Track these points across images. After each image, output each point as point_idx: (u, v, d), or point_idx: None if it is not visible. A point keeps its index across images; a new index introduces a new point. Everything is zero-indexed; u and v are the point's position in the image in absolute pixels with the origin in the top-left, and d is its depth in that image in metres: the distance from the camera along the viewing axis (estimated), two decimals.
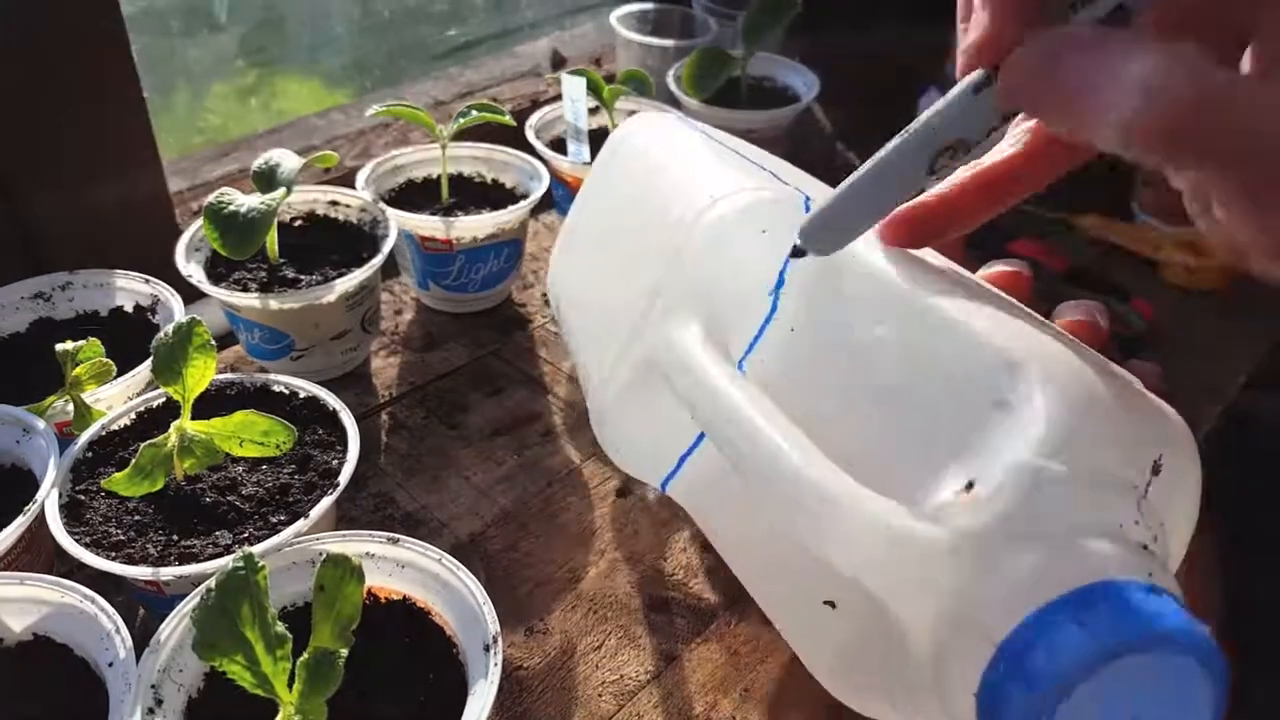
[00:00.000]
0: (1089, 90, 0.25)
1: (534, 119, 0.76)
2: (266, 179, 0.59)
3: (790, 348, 0.38)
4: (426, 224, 0.65)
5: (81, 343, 0.50)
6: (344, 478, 0.46)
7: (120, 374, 0.52)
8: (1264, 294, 0.75)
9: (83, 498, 0.46)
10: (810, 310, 0.37)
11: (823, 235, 0.35)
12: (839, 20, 0.92)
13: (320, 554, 0.42)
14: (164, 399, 0.51)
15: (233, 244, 0.55)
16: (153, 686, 0.37)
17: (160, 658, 0.37)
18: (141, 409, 0.50)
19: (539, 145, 0.74)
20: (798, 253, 0.36)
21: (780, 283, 0.38)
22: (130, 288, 0.60)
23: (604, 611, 0.50)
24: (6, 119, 0.58)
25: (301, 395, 0.52)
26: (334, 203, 0.67)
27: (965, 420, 0.30)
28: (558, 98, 0.76)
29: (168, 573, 0.41)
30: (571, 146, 0.73)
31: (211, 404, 0.50)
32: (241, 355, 0.64)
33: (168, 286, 0.59)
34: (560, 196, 0.77)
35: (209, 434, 0.45)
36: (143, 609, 0.48)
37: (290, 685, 0.34)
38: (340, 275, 0.59)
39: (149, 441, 0.45)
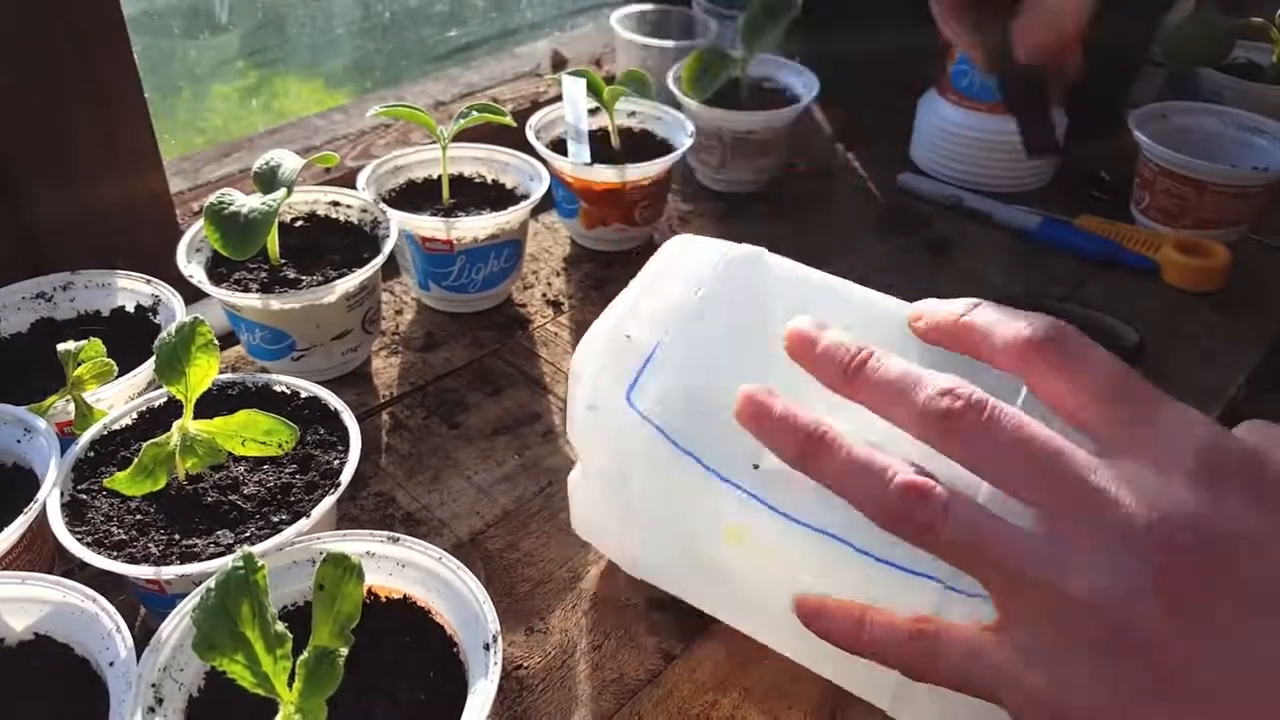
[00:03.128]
0: None
1: (534, 119, 0.76)
2: (267, 179, 0.59)
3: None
4: (427, 224, 0.66)
5: (83, 342, 0.51)
6: (345, 477, 0.46)
7: (121, 374, 0.52)
8: (1264, 294, 0.76)
9: (84, 497, 0.46)
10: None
11: None
12: (839, 21, 0.92)
13: (320, 553, 0.42)
14: (166, 399, 0.51)
15: (234, 245, 0.55)
16: (153, 685, 0.37)
17: (161, 657, 0.38)
18: (143, 409, 0.51)
19: (539, 146, 0.74)
20: None
21: None
22: (131, 288, 0.60)
23: (604, 610, 0.50)
24: (8, 119, 0.58)
25: (303, 395, 0.52)
26: (335, 203, 0.67)
27: None
28: (558, 98, 0.76)
29: (169, 572, 0.42)
30: (572, 147, 0.73)
31: (213, 404, 0.50)
32: (242, 355, 0.65)
33: (169, 287, 0.59)
34: (561, 197, 0.77)
35: (211, 433, 0.45)
36: (143, 608, 0.48)
37: (290, 684, 0.34)
38: (341, 276, 0.60)
39: (151, 441, 0.45)
